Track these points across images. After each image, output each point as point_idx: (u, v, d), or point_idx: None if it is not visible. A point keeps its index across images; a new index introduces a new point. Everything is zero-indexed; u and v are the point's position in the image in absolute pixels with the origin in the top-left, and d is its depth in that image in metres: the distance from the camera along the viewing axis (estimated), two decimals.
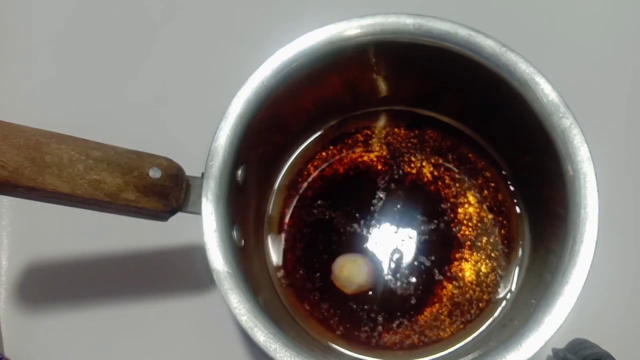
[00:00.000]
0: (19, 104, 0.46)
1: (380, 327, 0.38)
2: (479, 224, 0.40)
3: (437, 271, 0.39)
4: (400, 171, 0.42)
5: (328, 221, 0.41)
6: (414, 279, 0.39)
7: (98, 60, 0.48)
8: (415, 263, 0.39)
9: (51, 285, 0.43)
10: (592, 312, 0.37)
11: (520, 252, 0.39)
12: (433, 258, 0.39)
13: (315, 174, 0.42)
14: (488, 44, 0.34)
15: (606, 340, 0.37)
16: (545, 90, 0.33)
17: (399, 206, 0.41)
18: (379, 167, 0.42)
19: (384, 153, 0.42)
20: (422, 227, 0.40)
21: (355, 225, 0.40)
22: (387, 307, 0.39)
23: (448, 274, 0.39)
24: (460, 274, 0.39)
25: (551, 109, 0.33)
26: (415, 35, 0.35)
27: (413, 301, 0.39)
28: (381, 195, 0.41)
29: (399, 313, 0.39)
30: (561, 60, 0.43)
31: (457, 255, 0.40)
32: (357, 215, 0.41)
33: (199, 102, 0.46)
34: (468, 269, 0.39)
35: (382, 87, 0.41)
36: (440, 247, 0.40)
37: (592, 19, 0.47)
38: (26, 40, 0.49)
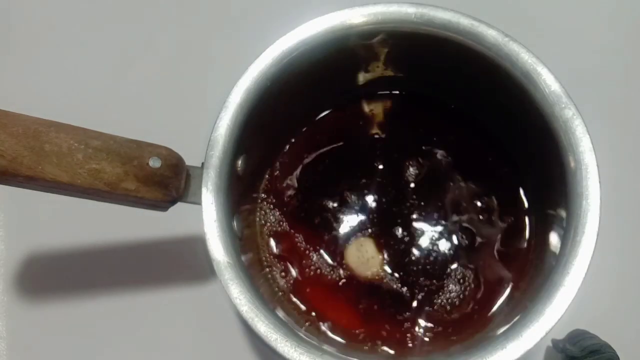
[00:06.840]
0: (18, 92, 0.46)
1: (389, 315, 0.38)
2: (481, 212, 0.40)
3: (444, 259, 0.39)
4: (402, 157, 0.41)
5: (331, 209, 0.41)
6: (421, 267, 0.39)
7: (98, 49, 0.48)
8: (422, 251, 0.39)
9: (50, 275, 0.42)
10: (592, 303, 0.37)
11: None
12: (439, 245, 0.39)
13: (316, 161, 0.42)
14: (490, 33, 0.34)
15: (606, 331, 0.37)
16: (548, 81, 0.33)
17: (401, 191, 0.40)
18: (380, 152, 0.41)
19: (386, 138, 0.42)
20: (426, 216, 0.40)
21: (360, 213, 0.40)
22: (397, 294, 0.38)
23: (452, 262, 0.39)
24: (464, 262, 0.39)
25: (553, 99, 0.33)
26: (417, 25, 0.35)
27: (422, 289, 0.38)
28: (383, 180, 0.41)
29: (408, 301, 0.38)
30: (564, 50, 0.43)
31: (461, 243, 0.39)
32: (360, 202, 0.40)
33: (200, 91, 0.46)
34: (468, 255, 0.39)
35: (384, 75, 0.41)
36: (445, 234, 0.39)
37: (595, 9, 0.47)
38: (25, 29, 0.49)
